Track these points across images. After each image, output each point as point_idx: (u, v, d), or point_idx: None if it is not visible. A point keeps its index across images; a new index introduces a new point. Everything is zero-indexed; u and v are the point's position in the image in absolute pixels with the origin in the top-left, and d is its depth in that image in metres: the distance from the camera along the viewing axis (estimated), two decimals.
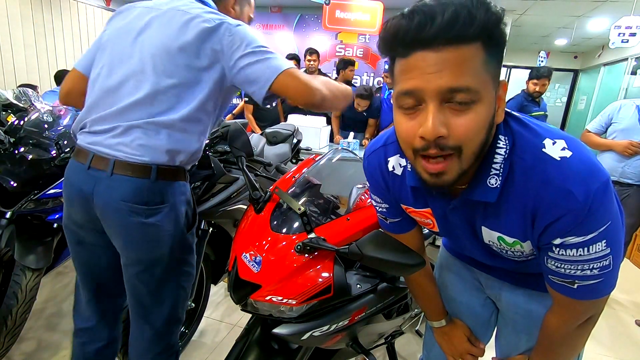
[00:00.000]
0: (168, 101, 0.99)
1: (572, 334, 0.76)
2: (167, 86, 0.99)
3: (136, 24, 1.05)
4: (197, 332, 1.90)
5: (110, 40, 1.07)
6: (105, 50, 1.07)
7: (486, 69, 0.55)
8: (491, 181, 0.64)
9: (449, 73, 0.52)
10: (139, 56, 1.01)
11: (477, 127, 0.56)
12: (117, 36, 1.07)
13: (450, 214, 0.76)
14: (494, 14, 0.53)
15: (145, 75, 0.99)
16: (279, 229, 0.96)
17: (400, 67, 0.57)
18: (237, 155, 1.10)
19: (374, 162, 0.83)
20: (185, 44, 0.99)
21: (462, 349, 1.00)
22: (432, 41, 0.52)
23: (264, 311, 0.91)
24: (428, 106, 0.55)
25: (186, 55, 0.99)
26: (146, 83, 0.99)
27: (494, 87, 0.57)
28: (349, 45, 5.66)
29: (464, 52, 0.52)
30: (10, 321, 1.44)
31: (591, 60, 7.10)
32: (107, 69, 1.04)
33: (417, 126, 0.57)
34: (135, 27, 1.04)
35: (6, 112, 1.91)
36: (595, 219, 0.59)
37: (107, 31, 1.10)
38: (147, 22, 1.04)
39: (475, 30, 0.52)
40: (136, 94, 0.99)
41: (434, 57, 0.53)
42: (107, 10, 5.77)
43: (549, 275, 0.70)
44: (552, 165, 0.60)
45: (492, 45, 0.55)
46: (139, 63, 1.00)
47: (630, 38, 3.72)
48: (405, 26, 0.53)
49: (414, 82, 0.55)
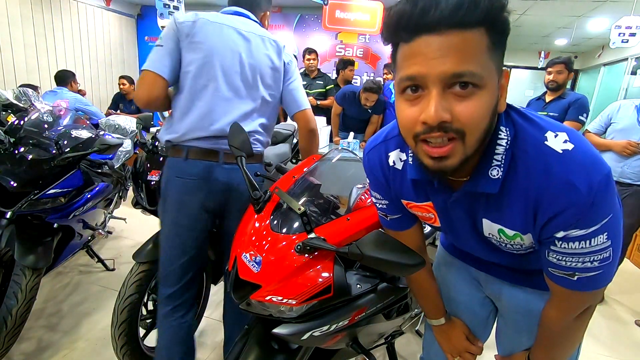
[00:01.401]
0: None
1: (571, 326, 0.77)
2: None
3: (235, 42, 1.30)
4: (197, 332, 1.90)
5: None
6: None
7: (490, 56, 0.55)
8: (493, 172, 0.64)
9: (453, 58, 0.52)
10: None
11: (481, 112, 0.56)
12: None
13: (451, 207, 0.76)
14: (498, 0, 0.53)
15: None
16: (279, 229, 0.96)
17: (403, 53, 0.57)
18: (237, 155, 1.10)
19: (375, 157, 0.83)
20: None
21: (460, 347, 1.00)
22: (435, 26, 0.52)
23: (264, 311, 0.91)
24: (431, 92, 0.55)
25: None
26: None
27: (497, 74, 0.57)
28: (349, 45, 5.66)
29: (468, 37, 0.52)
30: (10, 321, 1.44)
31: (591, 60, 7.10)
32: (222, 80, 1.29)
33: (419, 112, 0.56)
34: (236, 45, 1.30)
35: (6, 112, 1.91)
36: (598, 212, 0.60)
37: (203, 44, 1.26)
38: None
39: (480, 15, 0.52)
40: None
41: (437, 41, 0.52)
42: (107, 10, 5.77)
43: (548, 268, 0.70)
44: (554, 157, 0.60)
45: (496, 32, 0.54)
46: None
47: (630, 38, 3.72)
48: (409, 11, 0.53)
49: (417, 67, 0.54)
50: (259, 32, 1.36)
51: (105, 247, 2.89)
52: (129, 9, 6.20)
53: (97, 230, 2.21)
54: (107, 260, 2.56)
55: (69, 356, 1.75)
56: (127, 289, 1.48)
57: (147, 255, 1.53)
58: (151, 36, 6.33)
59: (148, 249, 1.54)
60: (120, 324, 1.45)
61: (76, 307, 2.13)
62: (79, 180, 1.73)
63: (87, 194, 1.84)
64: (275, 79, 1.39)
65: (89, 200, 1.85)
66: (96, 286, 2.36)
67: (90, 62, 5.61)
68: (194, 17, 1.26)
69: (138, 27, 6.37)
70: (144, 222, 2.63)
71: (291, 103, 1.45)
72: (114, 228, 3.16)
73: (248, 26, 1.34)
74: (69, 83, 3.77)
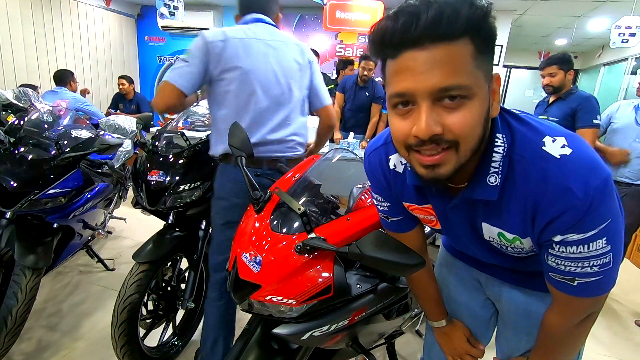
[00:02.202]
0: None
1: (572, 332, 0.76)
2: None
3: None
4: (197, 332, 1.90)
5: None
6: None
7: (477, 65, 0.54)
8: (491, 179, 0.64)
9: (440, 72, 0.52)
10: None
11: (472, 122, 0.56)
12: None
13: (450, 212, 0.76)
14: (479, 7, 0.52)
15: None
16: (279, 229, 0.96)
17: (391, 69, 0.57)
18: (237, 155, 1.10)
19: (375, 160, 0.83)
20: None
21: (461, 349, 1.00)
22: (418, 40, 0.52)
23: (264, 311, 0.91)
24: (421, 106, 0.55)
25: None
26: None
27: (486, 81, 0.57)
28: (349, 45, 5.66)
29: (453, 49, 0.52)
30: (10, 321, 1.44)
31: (591, 60, 7.10)
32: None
33: (410, 125, 0.57)
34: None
35: (6, 112, 1.91)
36: (596, 216, 0.59)
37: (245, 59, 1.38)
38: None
39: (461, 26, 0.51)
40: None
41: (422, 56, 0.52)
42: (107, 10, 5.77)
43: (549, 273, 0.70)
44: (552, 163, 0.60)
45: (482, 40, 0.54)
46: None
47: (630, 38, 3.72)
48: (392, 28, 0.53)
49: (405, 83, 0.55)
50: (281, 38, 1.49)
51: (105, 247, 2.89)
52: (129, 9, 6.19)
53: (97, 230, 2.21)
54: (107, 260, 2.56)
55: (69, 356, 1.75)
56: (127, 289, 1.48)
57: (147, 255, 1.52)
58: (151, 36, 6.32)
59: (148, 249, 1.54)
60: (120, 324, 1.45)
61: (76, 307, 2.13)
62: (79, 180, 1.73)
63: (87, 194, 1.83)
64: (303, 78, 1.53)
65: (89, 200, 1.85)
66: (96, 286, 2.36)
67: (90, 62, 5.61)
68: (223, 36, 1.36)
69: (138, 27, 6.36)
70: (144, 222, 2.64)
71: (315, 99, 1.61)
72: (114, 228, 3.16)
73: (272, 34, 1.47)
74: (68, 82, 3.78)
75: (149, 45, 6.38)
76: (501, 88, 0.69)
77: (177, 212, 1.67)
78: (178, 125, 1.94)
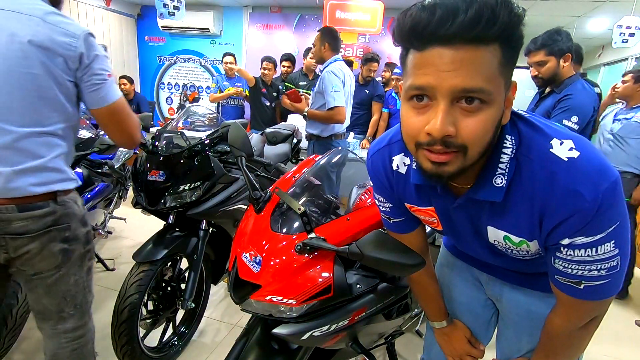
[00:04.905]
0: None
1: (575, 335, 0.76)
2: None
3: None
4: (197, 332, 1.90)
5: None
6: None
7: (501, 71, 0.54)
8: (497, 180, 0.64)
9: (465, 73, 0.51)
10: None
11: (485, 128, 0.55)
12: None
13: (453, 213, 0.75)
14: (517, 15, 0.52)
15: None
16: (279, 229, 0.96)
17: (414, 60, 0.56)
18: (237, 155, 1.10)
19: (378, 161, 0.83)
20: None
21: (461, 350, 1.00)
22: (451, 39, 0.51)
23: (264, 311, 0.91)
24: (439, 104, 0.54)
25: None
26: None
27: (505, 88, 0.57)
28: (349, 45, 5.65)
29: (482, 53, 0.51)
30: (10, 321, 1.44)
31: (591, 60, 7.10)
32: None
33: (425, 121, 0.56)
34: None
35: None
36: (604, 220, 0.59)
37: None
38: None
39: (497, 31, 0.50)
40: None
41: (450, 55, 0.51)
42: (107, 11, 5.77)
43: (555, 275, 0.69)
44: (559, 165, 0.59)
45: (510, 48, 0.54)
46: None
47: (629, 38, 3.73)
48: (426, 19, 0.51)
49: (428, 78, 0.54)
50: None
51: (105, 247, 2.89)
52: (129, 9, 6.19)
53: (97, 230, 2.21)
54: (107, 260, 2.55)
55: None
56: (127, 289, 1.48)
57: (147, 255, 1.52)
58: (151, 36, 6.32)
59: (148, 249, 1.54)
60: (120, 324, 1.46)
61: None
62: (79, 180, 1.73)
63: (87, 194, 1.83)
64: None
65: (89, 200, 1.85)
66: (96, 286, 2.34)
67: None
68: (343, 77, 2.39)
69: (138, 27, 6.36)
70: (144, 222, 2.63)
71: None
72: (114, 228, 3.15)
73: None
74: None
75: (149, 45, 6.37)
76: None
77: (177, 212, 1.67)
78: (178, 125, 1.94)
